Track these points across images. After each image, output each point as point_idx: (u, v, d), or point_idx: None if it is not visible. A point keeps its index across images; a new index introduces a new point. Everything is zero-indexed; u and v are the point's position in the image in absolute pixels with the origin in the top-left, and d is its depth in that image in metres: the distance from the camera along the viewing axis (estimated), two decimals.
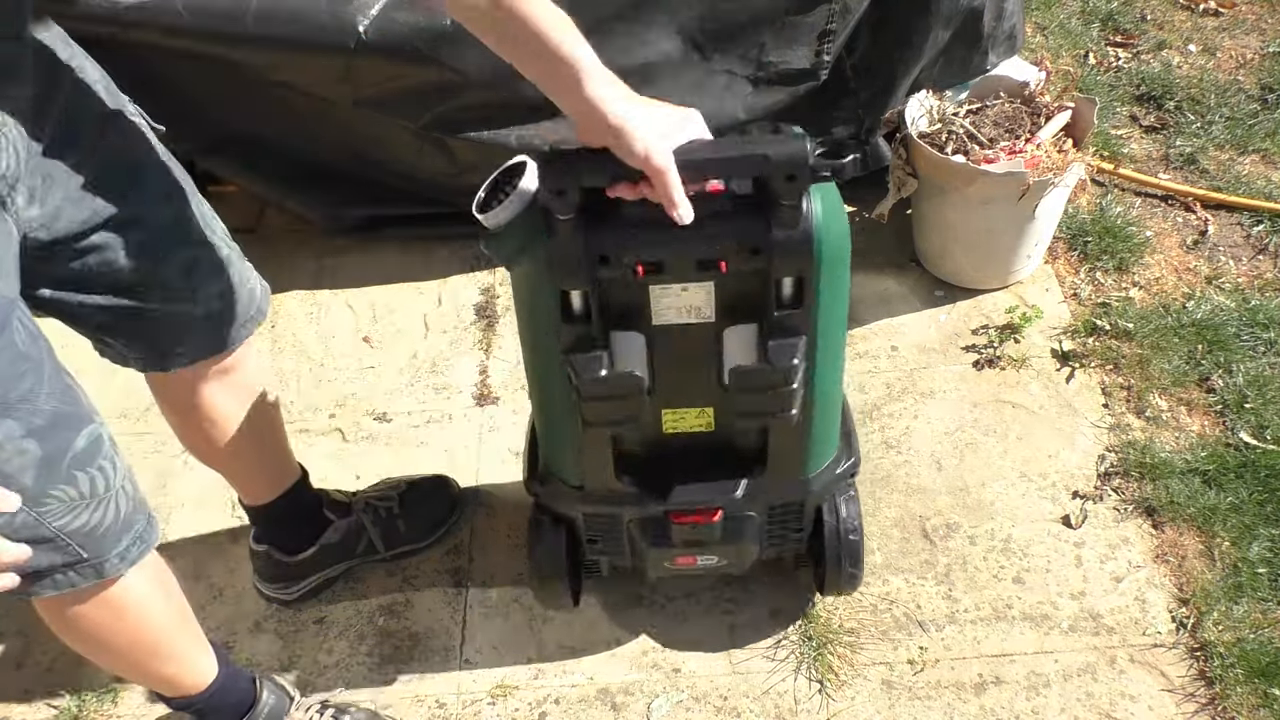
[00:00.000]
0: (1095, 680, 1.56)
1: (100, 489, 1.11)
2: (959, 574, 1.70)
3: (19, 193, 1.07)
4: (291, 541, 1.68)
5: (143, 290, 1.24)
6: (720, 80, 2.01)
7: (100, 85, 1.19)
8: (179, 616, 1.35)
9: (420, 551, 1.78)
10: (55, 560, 1.12)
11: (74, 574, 1.14)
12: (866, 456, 1.86)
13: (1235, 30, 2.60)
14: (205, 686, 1.40)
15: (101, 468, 1.11)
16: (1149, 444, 1.81)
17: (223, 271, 1.31)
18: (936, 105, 2.02)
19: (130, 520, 1.17)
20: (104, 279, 1.20)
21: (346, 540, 1.72)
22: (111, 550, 1.16)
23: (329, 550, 1.71)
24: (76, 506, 1.09)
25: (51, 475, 1.06)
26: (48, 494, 1.06)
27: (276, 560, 1.68)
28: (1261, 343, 1.94)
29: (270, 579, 1.72)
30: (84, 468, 1.09)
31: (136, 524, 1.19)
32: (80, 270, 1.18)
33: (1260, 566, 1.64)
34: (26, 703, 1.66)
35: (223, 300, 1.33)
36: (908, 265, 2.16)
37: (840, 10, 1.95)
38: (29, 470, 1.03)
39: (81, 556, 1.13)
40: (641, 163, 1.05)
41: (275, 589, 1.72)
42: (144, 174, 1.23)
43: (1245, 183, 2.24)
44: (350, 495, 1.77)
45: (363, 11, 1.81)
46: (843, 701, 1.57)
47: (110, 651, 1.32)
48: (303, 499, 1.67)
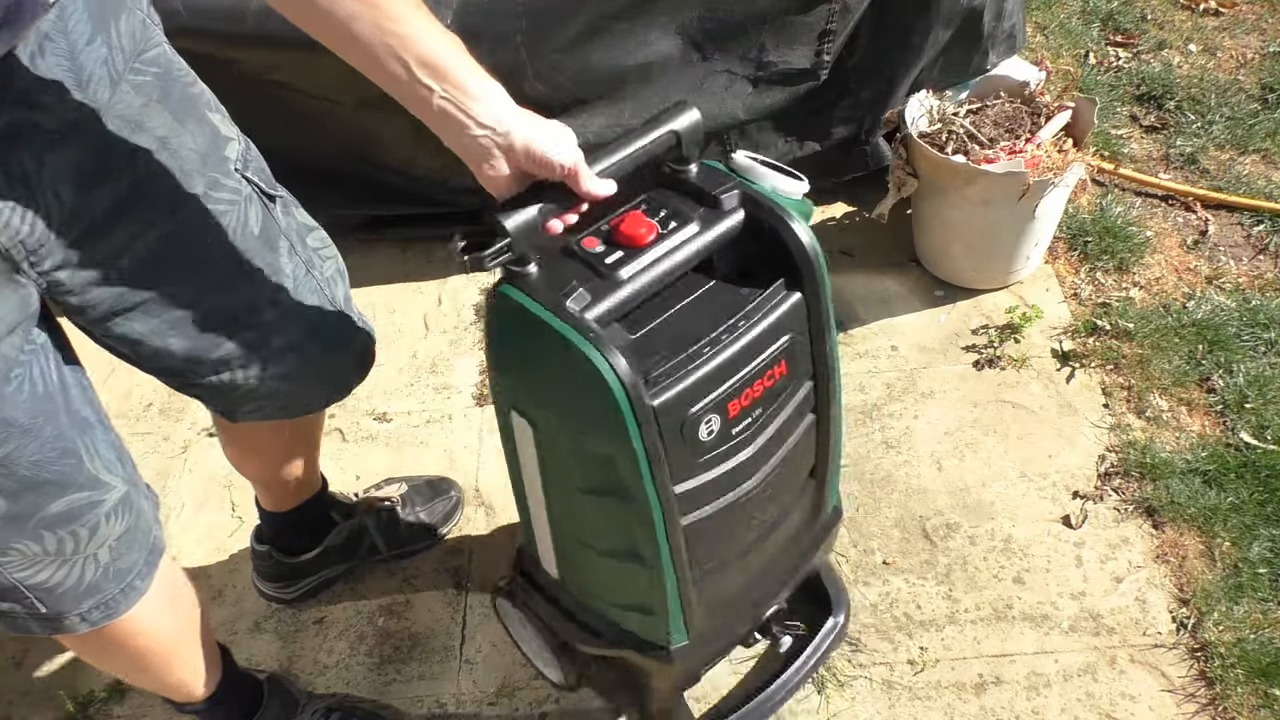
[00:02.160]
0: (1095, 680, 1.56)
1: (68, 550, 1.06)
2: (959, 574, 1.70)
3: (45, 259, 0.97)
4: (295, 543, 1.68)
5: (198, 371, 1.17)
6: (720, 80, 2.01)
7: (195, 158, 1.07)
8: (185, 633, 1.32)
9: (421, 552, 1.78)
10: (14, 607, 1.08)
11: (31, 622, 1.11)
12: (866, 456, 1.86)
13: (1236, 30, 2.60)
14: (211, 693, 1.40)
15: (74, 532, 1.06)
16: (1149, 444, 1.81)
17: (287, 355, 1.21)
18: (936, 105, 2.02)
19: (96, 587, 1.11)
20: (150, 361, 1.15)
21: (349, 542, 1.72)
22: (71, 610, 1.11)
23: (332, 552, 1.71)
24: (39, 562, 1.05)
25: (16, 530, 1.02)
26: (10, 546, 1.03)
27: (278, 561, 1.68)
28: (1262, 343, 1.94)
29: (270, 578, 1.72)
30: (54, 529, 1.04)
31: (104, 592, 1.12)
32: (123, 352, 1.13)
33: (1261, 567, 1.64)
34: (27, 703, 1.67)
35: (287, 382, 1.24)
36: (908, 265, 2.16)
37: (840, 10, 1.95)
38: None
39: (39, 610, 1.09)
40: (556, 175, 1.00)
41: (275, 588, 1.72)
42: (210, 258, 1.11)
43: (1245, 182, 2.24)
44: (354, 497, 1.77)
45: None
46: (843, 702, 1.57)
47: (110, 665, 1.32)
48: (317, 507, 1.67)
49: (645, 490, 1.09)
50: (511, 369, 1.14)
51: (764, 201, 1.13)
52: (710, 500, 1.18)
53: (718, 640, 1.41)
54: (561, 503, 1.24)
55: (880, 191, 2.08)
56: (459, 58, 0.95)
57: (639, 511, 1.12)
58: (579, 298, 1.05)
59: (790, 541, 1.38)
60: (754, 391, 1.14)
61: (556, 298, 1.04)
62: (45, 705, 1.66)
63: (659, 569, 1.18)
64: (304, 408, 1.31)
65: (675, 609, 1.24)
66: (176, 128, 1.06)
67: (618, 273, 1.08)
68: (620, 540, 1.19)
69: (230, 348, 1.17)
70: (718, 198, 1.13)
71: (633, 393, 1.02)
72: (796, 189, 1.16)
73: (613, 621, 1.34)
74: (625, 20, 1.91)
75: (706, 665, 1.46)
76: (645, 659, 1.33)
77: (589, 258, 1.09)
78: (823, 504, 1.39)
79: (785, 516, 1.32)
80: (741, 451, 1.17)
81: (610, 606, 1.33)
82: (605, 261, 1.08)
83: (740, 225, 1.14)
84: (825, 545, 1.49)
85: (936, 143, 1.97)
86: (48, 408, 1.00)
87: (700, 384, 1.08)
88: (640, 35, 1.93)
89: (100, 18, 0.97)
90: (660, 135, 1.10)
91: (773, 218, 1.13)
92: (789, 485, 1.29)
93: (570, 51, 1.90)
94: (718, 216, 1.13)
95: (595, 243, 1.11)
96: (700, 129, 1.12)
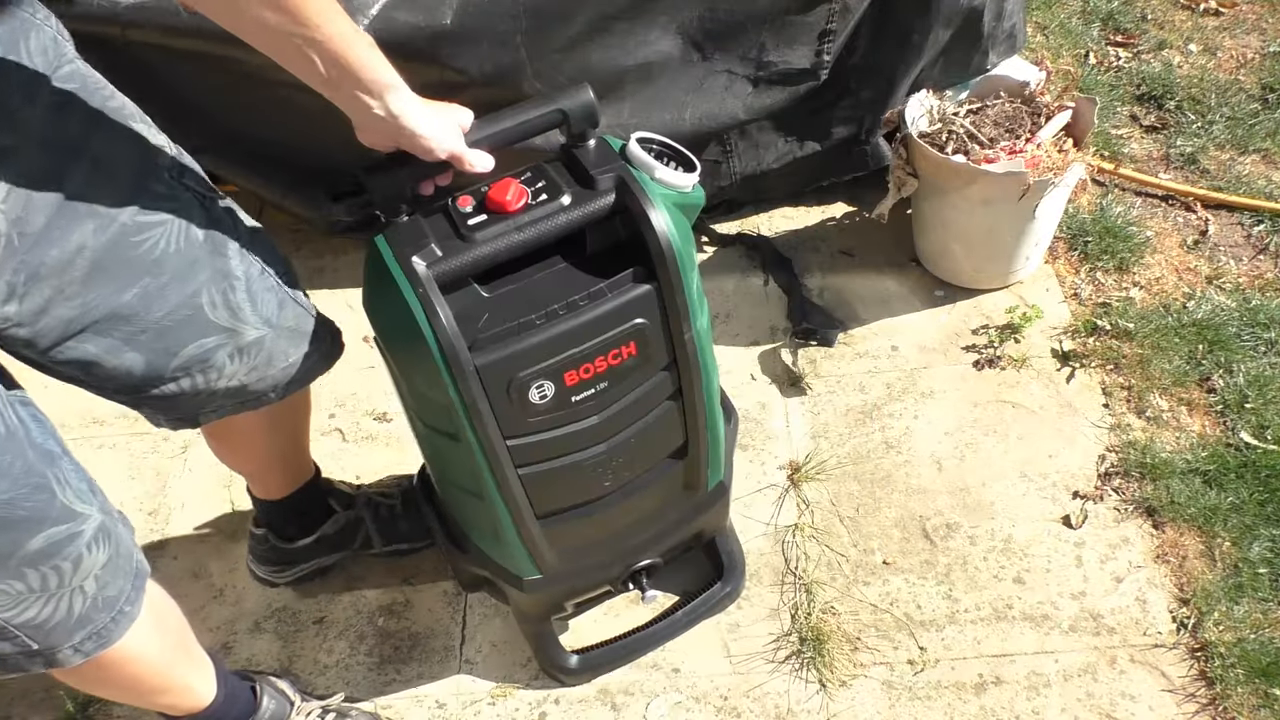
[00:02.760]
0: (1096, 680, 1.56)
1: (52, 585, 1.06)
2: (959, 574, 1.70)
3: None
4: (292, 529, 1.69)
5: (155, 383, 1.18)
6: (720, 80, 2.01)
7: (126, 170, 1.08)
8: (175, 652, 1.32)
9: (415, 551, 1.79)
10: (4, 646, 1.08)
11: (23, 660, 1.10)
12: (866, 456, 1.86)
13: (1236, 30, 2.60)
14: (204, 706, 1.40)
15: (57, 567, 1.06)
16: (1149, 444, 1.81)
17: (248, 354, 1.23)
18: (936, 105, 2.02)
19: (86, 618, 1.11)
20: (108, 382, 1.14)
21: (344, 533, 1.73)
22: (64, 644, 1.11)
23: (326, 541, 1.72)
24: (24, 600, 1.05)
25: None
26: None
27: (273, 545, 1.70)
28: (1262, 343, 1.94)
29: (264, 561, 1.73)
30: (35, 566, 1.04)
31: (94, 622, 1.13)
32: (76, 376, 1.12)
33: (1261, 567, 1.64)
34: (27, 703, 1.67)
35: (248, 377, 1.25)
36: (908, 265, 2.16)
37: (840, 10, 1.95)
38: None
39: (31, 647, 1.09)
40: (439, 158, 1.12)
41: (268, 571, 1.74)
42: (156, 269, 1.11)
43: (1246, 182, 2.24)
44: (354, 488, 1.78)
45: (362, 11, 1.81)
46: (843, 701, 1.57)
47: (102, 691, 1.32)
48: (313, 493, 1.68)
49: (469, 438, 1.19)
50: (371, 310, 1.21)
51: (634, 188, 1.17)
52: (550, 458, 1.26)
53: (578, 580, 1.50)
54: (420, 435, 1.34)
55: (880, 191, 2.08)
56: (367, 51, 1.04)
57: (469, 455, 1.22)
58: (428, 253, 1.13)
59: (663, 507, 1.47)
60: (596, 366, 1.21)
61: (406, 250, 1.13)
62: (45, 705, 1.66)
63: (496, 509, 1.29)
64: (264, 400, 1.32)
65: (518, 546, 1.35)
66: (103, 142, 1.06)
67: (475, 234, 1.14)
68: (461, 477, 1.30)
69: (189, 353, 1.17)
70: (595, 177, 1.18)
71: (448, 349, 1.11)
72: (684, 181, 1.21)
73: (475, 544, 1.45)
74: (625, 20, 1.90)
75: (573, 600, 1.56)
76: (503, 583, 1.45)
77: (455, 217, 1.16)
78: (698, 481, 1.45)
79: (648, 485, 1.39)
80: (584, 420, 1.25)
81: (472, 529, 1.44)
82: (468, 223, 1.15)
83: (609, 206, 1.18)
84: (711, 516, 1.56)
85: (936, 143, 1.97)
86: (12, 445, 1.00)
87: (531, 350, 1.15)
88: (640, 35, 1.93)
89: (10, 41, 0.97)
90: (546, 112, 1.18)
91: (636, 206, 1.17)
92: (645, 459, 1.37)
93: (570, 51, 1.90)
94: (590, 196, 1.18)
95: (468, 202, 1.17)
96: (592, 109, 1.19)
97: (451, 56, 1.85)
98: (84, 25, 1.86)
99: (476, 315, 1.16)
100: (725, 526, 1.67)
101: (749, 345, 2.06)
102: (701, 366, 1.29)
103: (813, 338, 2.04)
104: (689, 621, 1.66)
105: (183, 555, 1.83)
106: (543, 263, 1.21)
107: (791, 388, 1.98)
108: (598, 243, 1.22)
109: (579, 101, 1.18)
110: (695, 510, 1.51)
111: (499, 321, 1.15)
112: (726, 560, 1.68)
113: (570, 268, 1.21)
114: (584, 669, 1.61)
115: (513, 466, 1.24)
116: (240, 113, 2.08)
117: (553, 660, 1.60)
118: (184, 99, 2.00)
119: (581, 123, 1.20)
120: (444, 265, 1.13)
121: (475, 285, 1.18)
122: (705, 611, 1.67)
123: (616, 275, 1.19)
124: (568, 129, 1.20)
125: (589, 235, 1.21)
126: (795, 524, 1.77)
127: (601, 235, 1.21)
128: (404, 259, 1.13)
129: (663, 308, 1.22)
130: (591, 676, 1.63)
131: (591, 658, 1.62)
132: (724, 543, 1.69)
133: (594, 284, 1.18)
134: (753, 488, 1.83)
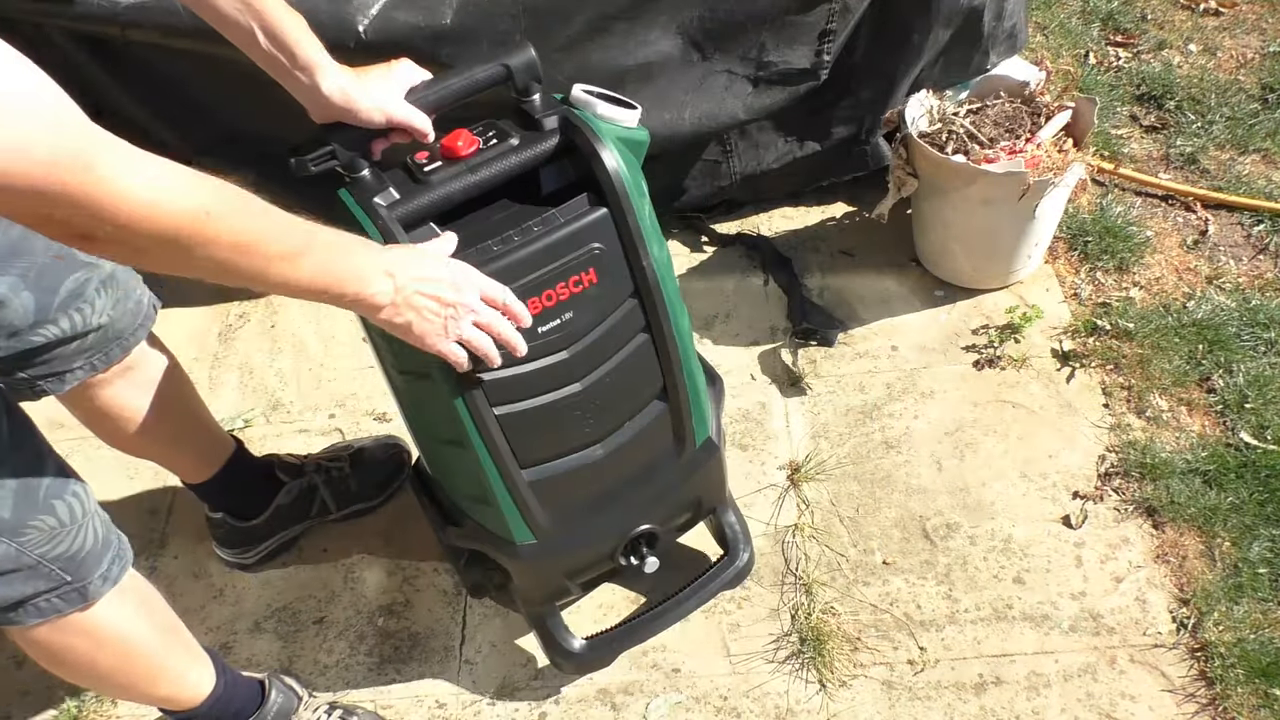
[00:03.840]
0: (1096, 680, 1.56)
1: (78, 514, 1.15)
2: (959, 574, 1.70)
3: None
4: (245, 508, 1.72)
5: (40, 324, 1.23)
6: (720, 80, 2.01)
7: None
8: (166, 635, 1.34)
9: (371, 510, 1.83)
10: (39, 587, 1.13)
11: (58, 599, 1.16)
12: (866, 456, 1.86)
13: (1236, 30, 2.60)
14: (204, 699, 1.40)
15: (75, 493, 1.15)
16: (1149, 444, 1.81)
17: (110, 287, 1.32)
18: (936, 105, 2.02)
19: (107, 540, 1.20)
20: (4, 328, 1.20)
21: (299, 501, 1.76)
22: (95, 572, 1.18)
23: (283, 512, 1.75)
24: (57, 534, 1.12)
25: (29, 507, 1.09)
26: (28, 524, 1.09)
27: (233, 526, 1.72)
28: (1262, 342, 1.94)
29: (229, 545, 1.75)
30: (61, 497, 1.13)
31: (113, 543, 1.21)
32: None
33: (1261, 567, 1.64)
34: (27, 703, 1.67)
35: (114, 312, 1.34)
36: (908, 265, 2.16)
37: (840, 10, 1.95)
38: (6, 502, 1.07)
39: (65, 580, 1.15)
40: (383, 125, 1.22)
41: (234, 554, 1.76)
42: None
43: (1246, 182, 2.24)
44: (301, 459, 1.81)
45: (362, 11, 1.81)
46: (843, 701, 1.57)
47: (98, 680, 1.34)
48: (245, 468, 1.70)
49: (439, 373, 1.23)
50: None
51: (579, 124, 1.26)
52: (525, 396, 1.30)
53: (575, 549, 1.50)
54: (398, 389, 1.40)
55: (880, 191, 2.08)
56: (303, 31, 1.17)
57: (442, 394, 1.25)
58: (386, 195, 1.22)
59: (653, 465, 1.48)
60: (558, 293, 1.26)
61: (368, 195, 1.22)
62: (45, 705, 1.66)
63: (478, 456, 1.31)
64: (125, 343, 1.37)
65: (507, 503, 1.37)
66: None
67: (430, 178, 1.24)
68: (440, 425, 1.33)
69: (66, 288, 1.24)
70: (540, 121, 1.28)
71: None
72: (628, 117, 1.28)
73: (465, 513, 1.48)
74: (625, 20, 1.90)
75: (574, 576, 1.56)
76: (498, 553, 1.47)
77: (412, 166, 1.25)
78: (684, 434, 1.46)
79: (633, 438, 1.42)
80: (556, 353, 1.29)
81: (462, 498, 1.47)
82: (424, 170, 1.24)
83: (556, 146, 1.27)
84: (705, 480, 1.56)
85: (936, 143, 1.96)
86: None
87: (490, 276, 1.19)
88: (640, 35, 1.93)
89: None
90: (490, 67, 1.26)
91: (582, 140, 1.25)
92: (624, 403, 1.40)
93: (570, 51, 1.90)
94: (537, 138, 1.27)
95: (424, 155, 1.26)
96: (534, 65, 1.27)
97: (451, 56, 1.85)
98: (84, 25, 1.87)
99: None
100: (725, 498, 1.66)
101: (749, 345, 2.06)
102: (666, 299, 1.33)
103: (813, 338, 2.04)
104: (698, 600, 1.63)
105: (183, 555, 1.83)
106: (498, 204, 1.29)
107: (791, 388, 1.98)
108: (550, 185, 1.28)
109: (522, 58, 1.26)
110: (687, 470, 1.51)
111: (457, 252, 1.20)
112: (730, 534, 1.65)
113: (525, 207, 1.28)
114: (590, 655, 1.59)
115: (487, 404, 1.27)
116: (240, 113, 2.07)
117: (558, 646, 1.57)
118: (184, 99, 2.01)
119: (524, 76, 1.27)
120: (403, 206, 1.21)
121: (433, 225, 1.24)
122: (715, 588, 1.64)
123: (564, 204, 1.26)
124: (513, 85, 1.28)
125: (542, 179, 1.28)
126: (795, 524, 1.77)
127: (553, 177, 1.28)
128: (365, 201, 1.21)
129: (620, 236, 1.27)
130: (598, 664, 1.60)
131: (598, 642, 1.60)
132: (725, 515, 1.67)
133: (547, 212, 1.25)
134: (753, 488, 1.83)
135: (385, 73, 1.24)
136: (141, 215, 0.83)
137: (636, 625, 1.61)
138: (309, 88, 1.19)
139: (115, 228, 0.83)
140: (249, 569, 1.79)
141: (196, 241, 0.89)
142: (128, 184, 0.82)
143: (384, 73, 1.24)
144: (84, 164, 0.79)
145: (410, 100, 1.24)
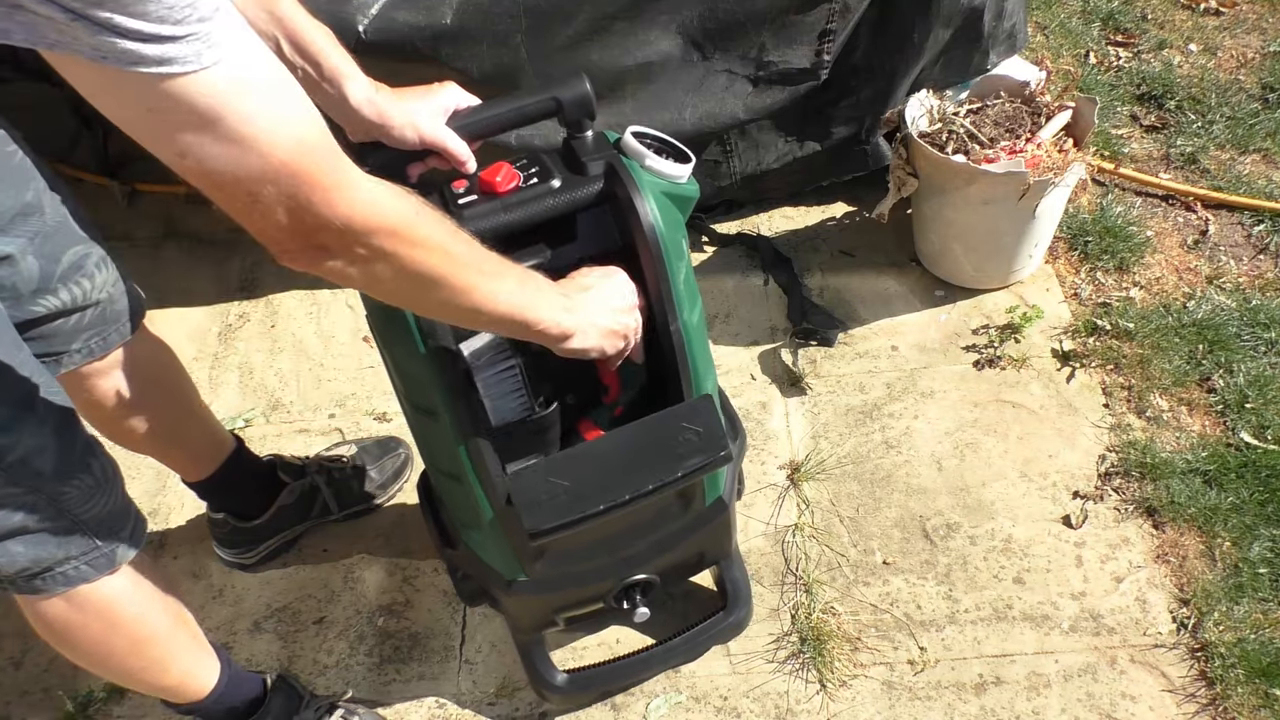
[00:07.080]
0: (1096, 680, 1.56)
1: (110, 472, 1.17)
2: (959, 574, 1.70)
3: None
4: (246, 508, 1.72)
5: (43, 292, 1.23)
6: (720, 80, 2.01)
7: None
8: (175, 622, 1.34)
9: (370, 511, 1.83)
10: (70, 551, 1.14)
11: (86, 566, 1.17)
12: (866, 456, 1.86)
13: (1236, 29, 2.60)
14: (209, 691, 1.40)
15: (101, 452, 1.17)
16: (1150, 444, 1.81)
17: (107, 265, 1.32)
18: (937, 105, 2.02)
19: (125, 507, 1.22)
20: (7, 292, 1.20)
21: (301, 502, 1.77)
22: (121, 532, 1.19)
23: (285, 512, 1.75)
24: (94, 493, 1.14)
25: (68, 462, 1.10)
26: (69, 481, 1.10)
27: (234, 527, 1.72)
28: (1262, 342, 1.94)
29: (229, 545, 1.75)
30: (94, 454, 1.15)
31: (131, 509, 1.23)
32: None
33: (1261, 567, 1.64)
34: (26, 703, 1.67)
35: (113, 290, 1.33)
36: (908, 265, 2.16)
37: (840, 10, 1.95)
38: (49, 456, 1.08)
39: (95, 545, 1.16)
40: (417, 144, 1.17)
41: (234, 554, 1.76)
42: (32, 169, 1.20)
43: (1246, 182, 2.24)
44: (303, 459, 1.82)
45: (362, 11, 1.81)
46: (843, 702, 1.57)
47: (108, 663, 1.32)
48: (245, 467, 1.70)
49: (445, 415, 1.21)
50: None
51: (621, 174, 1.19)
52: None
53: (568, 588, 1.46)
54: (409, 418, 1.37)
55: (880, 191, 2.08)
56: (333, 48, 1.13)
57: (446, 433, 1.23)
58: None
59: (657, 518, 1.43)
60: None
61: None
62: (45, 705, 1.66)
63: (475, 494, 1.28)
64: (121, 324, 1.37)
65: (502, 541, 1.34)
66: None
67: (463, 213, 1.17)
68: (442, 458, 1.30)
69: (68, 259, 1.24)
70: (586, 164, 1.21)
71: (424, 321, 1.15)
72: (676, 171, 1.22)
73: (463, 540, 1.45)
74: (625, 20, 1.90)
75: (563, 612, 1.52)
76: (491, 584, 1.44)
77: (447, 196, 1.20)
78: (692, 492, 1.42)
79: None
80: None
81: (460, 525, 1.43)
82: (458, 201, 1.19)
83: (598, 193, 1.21)
84: (711, 536, 1.52)
85: (937, 142, 1.96)
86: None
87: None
88: (640, 35, 1.93)
89: None
90: (541, 99, 1.20)
91: (623, 191, 1.18)
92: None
93: (570, 51, 1.90)
94: (580, 182, 1.21)
95: (462, 185, 1.21)
96: (588, 101, 1.20)
97: (451, 56, 1.85)
98: None
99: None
100: (730, 552, 1.61)
101: (749, 345, 2.06)
102: (691, 363, 1.27)
103: (813, 338, 2.04)
104: (688, 651, 1.60)
105: (183, 555, 1.83)
106: (530, 249, 1.23)
107: (791, 388, 1.98)
108: (588, 232, 1.24)
109: (574, 91, 1.20)
110: (692, 526, 1.47)
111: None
112: (731, 589, 1.61)
113: (557, 253, 1.23)
114: (571, 688, 1.55)
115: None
116: None
117: (540, 676, 1.55)
118: None
119: (576, 111, 1.21)
120: None
121: None
122: (706, 640, 1.61)
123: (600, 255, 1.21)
124: (563, 118, 1.22)
125: (579, 226, 1.23)
126: (795, 524, 1.77)
127: (592, 225, 1.23)
128: None
129: (647, 295, 1.22)
130: (580, 701, 1.58)
131: (580, 678, 1.56)
132: (729, 570, 1.62)
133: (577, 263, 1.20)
134: (753, 487, 1.83)
135: (424, 92, 1.21)
136: (364, 207, 0.87)
137: (620, 667, 1.58)
138: (337, 99, 1.14)
139: (344, 221, 0.85)
140: (249, 569, 1.79)
141: (407, 241, 0.91)
142: (358, 175, 0.86)
143: (422, 92, 1.21)
144: (331, 148, 0.82)
145: (453, 125, 1.19)
